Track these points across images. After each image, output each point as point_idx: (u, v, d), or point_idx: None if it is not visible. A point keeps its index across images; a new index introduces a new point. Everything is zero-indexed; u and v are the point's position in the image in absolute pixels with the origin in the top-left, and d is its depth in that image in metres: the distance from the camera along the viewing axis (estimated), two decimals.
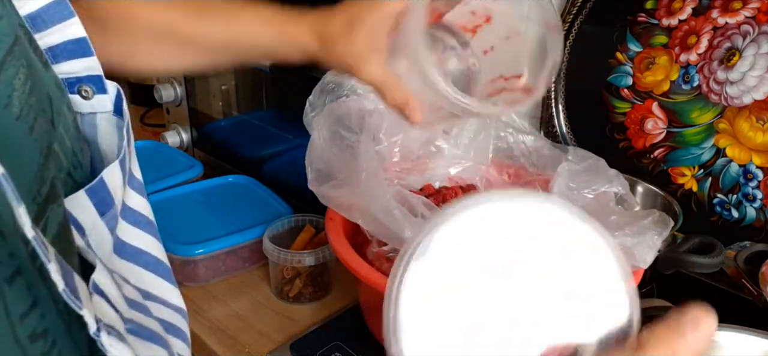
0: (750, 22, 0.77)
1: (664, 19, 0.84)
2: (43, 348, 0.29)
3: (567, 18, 0.92)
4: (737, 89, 0.78)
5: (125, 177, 0.39)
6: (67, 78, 0.38)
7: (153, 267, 0.42)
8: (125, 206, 0.40)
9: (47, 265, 0.26)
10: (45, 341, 0.29)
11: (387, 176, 0.68)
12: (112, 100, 0.40)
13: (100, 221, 0.37)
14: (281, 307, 0.76)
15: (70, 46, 0.38)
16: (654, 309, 0.68)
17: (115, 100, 0.40)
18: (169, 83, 1.06)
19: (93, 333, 0.28)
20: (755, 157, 0.79)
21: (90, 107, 0.40)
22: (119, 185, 0.38)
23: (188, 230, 0.81)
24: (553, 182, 0.64)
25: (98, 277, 0.32)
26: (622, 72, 0.89)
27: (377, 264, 0.58)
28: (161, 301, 0.43)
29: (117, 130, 0.40)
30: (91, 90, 0.39)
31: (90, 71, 0.39)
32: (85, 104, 0.39)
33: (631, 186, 0.71)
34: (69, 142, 0.36)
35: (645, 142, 0.88)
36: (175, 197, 0.91)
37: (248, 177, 0.96)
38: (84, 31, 0.38)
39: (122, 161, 0.38)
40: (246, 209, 0.87)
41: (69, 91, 0.39)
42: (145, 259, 0.41)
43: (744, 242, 0.77)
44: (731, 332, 0.59)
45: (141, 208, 0.41)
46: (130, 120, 0.39)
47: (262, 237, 0.78)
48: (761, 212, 0.79)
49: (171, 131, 1.10)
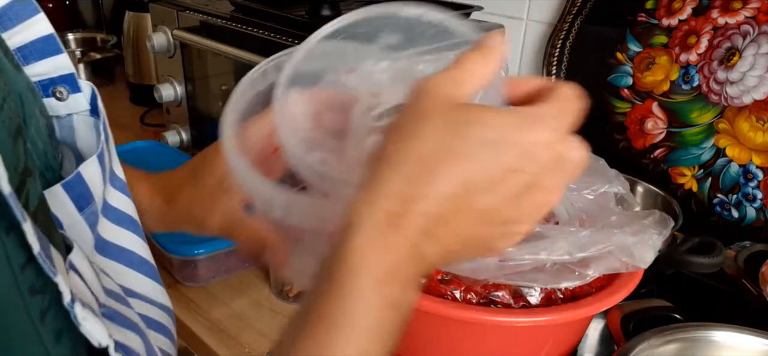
0: (750, 22, 0.77)
1: (664, 19, 0.84)
2: (42, 304, 0.29)
3: (567, 18, 0.92)
4: (737, 89, 0.78)
5: (105, 174, 0.39)
6: (40, 81, 0.38)
7: (137, 266, 0.42)
8: (107, 204, 0.40)
9: (22, 225, 0.26)
10: (43, 297, 0.29)
11: None
12: (88, 98, 0.40)
13: (80, 217, 0.37)
14: (281, 307, 0.76)
15: (38, 45, 0.37)
16: (654, 309, 0.68)
17: (91, 99, 0.40)
18: (169, 83, 1.06)
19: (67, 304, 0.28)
20: (755, 157, 0.79)
21: (66, 108, 0.40)
22: (98, 181, 0.38)
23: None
24: None
25: (75, 258, 0.32)
26: (622, 72, 0.89)
27: None
28: (145, 299, 0.42)
29: (94, 130, 0.40)
30: (66, 90, 0.39)
31: (62, 71, 0.39)
32: (61, 106, 0.39)
33: (631, 186, 0.71)
34: (41, 144, 0.36)
35: (645, 142, 0.88)
36: None
37: None
38: (51, 28, 0.38)
39: (100, 156, 0.38)
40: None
41: (43, 94, 0.39)
42: (129, 257, 0.41)
43: (744, 242, 0.77)
44: (731, 332, 0.59)
45: (124, 206, 0.41)
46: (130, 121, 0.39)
47: None
48: (761, 212, 0.79)
49: (171, 131, 1.10)
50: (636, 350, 0.56)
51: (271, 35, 0.84)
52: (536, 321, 0.54)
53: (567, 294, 0.56)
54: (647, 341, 0.57)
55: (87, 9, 1.70)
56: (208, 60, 0.99)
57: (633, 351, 0.56)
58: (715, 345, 0.59)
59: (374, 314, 0.30)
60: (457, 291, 0.54)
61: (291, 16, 0.85)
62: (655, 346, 0.57)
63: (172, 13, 1.00)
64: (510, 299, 0.54)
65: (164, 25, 1.01)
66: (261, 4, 0.92)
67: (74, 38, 1.53)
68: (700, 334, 0.59)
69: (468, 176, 0.31)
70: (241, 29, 0.88)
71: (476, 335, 0.56)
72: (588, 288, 0.56)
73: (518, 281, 0.52)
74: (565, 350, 0.61)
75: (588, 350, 0.67)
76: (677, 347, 0.58)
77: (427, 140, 0.31)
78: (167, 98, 1.07)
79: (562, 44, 0.93)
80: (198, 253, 0.77)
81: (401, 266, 0.31)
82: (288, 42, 0.81)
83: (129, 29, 1.36)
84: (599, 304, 0.54)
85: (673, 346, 0.58)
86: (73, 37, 1.53)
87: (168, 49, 1.02)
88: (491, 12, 1.00)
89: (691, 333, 0.59)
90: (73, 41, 1.52)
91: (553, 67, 0.94)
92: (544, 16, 0.97)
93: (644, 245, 0.53)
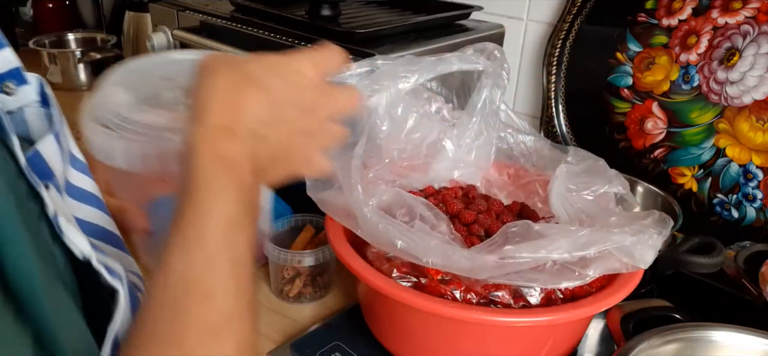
0: (750, 22, 0.77)
1: (664, 19, 0.84)
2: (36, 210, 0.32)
3: (567, 18, 0.92)
4: (737, 89, 0.78)
5: (64, 154, 0.40)
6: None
7: (102, 236, 0.43)
8: (69, 184, 0.41)
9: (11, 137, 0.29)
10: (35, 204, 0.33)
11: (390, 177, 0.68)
12: (36, 90, 0.42)
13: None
14: (281, 307, 0.76)
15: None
16: (654, 309, 0.68)
17: (39, 90, 0.42)
18: None
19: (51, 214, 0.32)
20: (755, 157, 0.79)
21: (16, 102, 0.41)
22: (57, 159, 0.39)
23: None
24: (551, 185, 0.64)
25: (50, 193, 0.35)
26: (622, 72, 0.89)
27: (377, 264, 0.58)
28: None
29: (46, 119, 0.41)
30: (13, 84, 0.40)
31: (8, 65, 0.40)
32: (10, 100, 0.40)
33: (631, 186, 0.71)
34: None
35: (645, 142, 0.88)
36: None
37: None
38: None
39: (57, 137, 0.39)
40: None
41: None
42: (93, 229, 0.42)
43: (744, 242, 0.77)
44: (731, 332, 0.59)
45: (87, 186, 0.43)
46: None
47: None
48: (761, 212, 0.79)
49: None
50: (636, 350, 0.56)
51: (271, 35, 0.84)
52: (536, 321, 0.54)
53: (567, 294, 0.56)
54: (647, 341, 0.57)
55: (87, 9, 1.70)
56: None
57: (633, 351, 0.56)
58: (715, 345, 0.59)
59: (228, 205, 0.37)
60: (457, 291, 0.54)
61: (291, 16, 0.85)
62: (655, 346, 0.57)
63: (172, 13, 1.00)
64: (510, 299, 0.54)
65: (164, 25, 1.00)
66: (261, 4, 0.92)
67: (74, 38, 1.53)
68: (700, 334, 0.59)
69: (269, 95, 0.40)
70: (241, 29, 0.88)
71: (476, 335, 0.56)
72: (588, 288, 0.56)
73: (518, 281, 0.52)
74: (565, 350, 0.61)
75: (588, 350, 0.67)
76: (677, 347, 0.58)
77: (224, 75, 0.40)
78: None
79: (562, 44, 0.93)
80: None
81: (242, 162, 0.39)
82: (288, 42, 0.81)
83: (129, 29, 1.36)
84: (599, 304, 0.54)
85: (673, 346, 0.58)
86: (73, 37, 1.53)
87: (168, 50, 1.02)
88: (491, 12, 1.00)
89: (691, 333, 0.59)
90: (73, 41, 1.52)
91: (553, 67, 0.94)
92: (544, 16, 0.97)
93: (644, 245, 0.53)
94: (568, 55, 0.94)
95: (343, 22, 0.87)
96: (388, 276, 0.56)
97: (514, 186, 0.74)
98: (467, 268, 0.51)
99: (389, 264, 0.57)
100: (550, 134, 0.96)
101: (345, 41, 0.77)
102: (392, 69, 0.65)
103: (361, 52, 0.75)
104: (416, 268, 0.56)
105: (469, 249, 0.53)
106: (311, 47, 0.44)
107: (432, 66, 0.65)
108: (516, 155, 0.74)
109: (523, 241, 0.52)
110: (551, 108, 0.96)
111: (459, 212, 0.64)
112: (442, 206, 0.65)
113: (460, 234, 0.58)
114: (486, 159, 0.74)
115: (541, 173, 0.71)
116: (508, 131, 0.73)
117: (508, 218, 0.64)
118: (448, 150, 0.72)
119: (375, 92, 0.64)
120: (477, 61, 0.69)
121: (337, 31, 0.80)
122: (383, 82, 0.64)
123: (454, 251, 0.52)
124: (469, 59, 0.69)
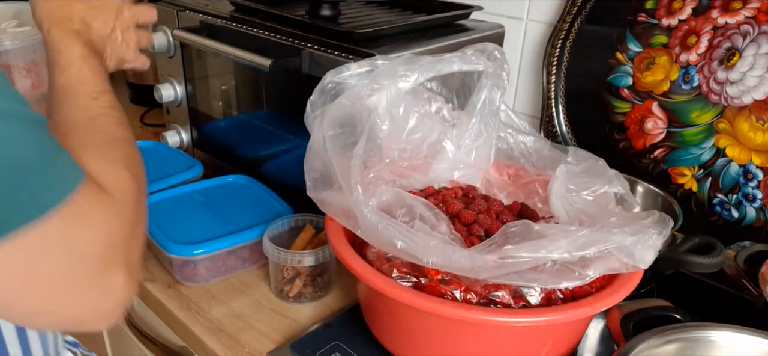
0: (750, 22, 0.77)
1: (664, 19, 0.84)
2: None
3: (567, 18, 0.92)
4: (737, 89, 0.78)
5: None
6: None
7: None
8: None
9: None
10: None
11: (390, 177, 0.68)
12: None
13: None
14: (281, 307, 0.76)
15: None
16: (654, 309, 0.68)
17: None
18: (169, 83, 1.06)
19: None
20: (755, 157, 0.79)
21: None
22: None
23: (188, 230, 0.81)
24: (551, 185, 0.64)
25: None
26: (622, 72, 0.89)
27: (377, 264, 0.58)
28: None
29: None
30: None
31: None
32: None
33: (631, 186, 0.71)
34: None
35: (645, 142, 0.88)
36: (175, 197, 0.91)
37: (248, 177, 0.96)
38: None
39: None
40: (246, 209, 0.87)
41: None
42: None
43: (744, 242, 0.77)
44: (731, 332, 0.59)
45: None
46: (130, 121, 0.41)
47: (262, 237, 0.78)
48: (761, 212, 0.79)
49: (171, 131, 1.10)
50: (636, 350, 0.56)
51: (271, 35, 0.84)
52: (536, 321, 0.54)
53: (567, 294, 0.56)
54: (647, 341, 0.57)
55: None
56: (208, 60, 0.99)
57: (633, 351, 0.56)
58: (715, 345, 0.59)
59: (78, 48, 0.59)
60: (457, 291, 0.54)
61: (291, 16, 0.85)
62: (655, 346, 0.57)
63: (172, 13, 1.00)
64: (510, 299, 0.54)
65: (164, 25, 1.01)
66: (261, 4, 0.92)
67: None
68: (700, 334, 0.59)
69: (87, 4, 0.63)
70: (241, 29, 0.88)
71: (476, 335, 0.56)
72: (588, 288, 0.56)
73: (518, 281, 0.52)
74: (565, 350, 0.61)
75: (588, 350, 0.67)
76: (677, 347, 0.58)
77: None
78: (167, 98, 1.07)
79: (562, 44, 0.93)
80: (198, 253, 0.77)
81: (80, 32, 0.61)
82: (288, 42, 0.81)
83: None
84: (599, 304, 0.54)
85: (673, 346, 0.58)
86: None
87: (168, 50, 1.02)
88: (491, 12, 1.00)
89: (691, 333, 0.59)
90: None
91: (553, 67, 0.94)
92: (544, 16, 0.97)
93: (644, 245, 0.53)
94: (568, 55, 0.94)
95: (343, 22, 0.87)
96: (388, 276, 0.56)
97: (514, 186, 0.74)
98: (467, 268, 0.51)
99: (389, 264, 0.57)
100: (550, 134, 0.96)
101: (345, 41, 0.77)
102: (392, 68, 0.65)
103: (361, 52, 0.75)
104: (416, 268, 0.56)
105: (469, 249, 0.53)
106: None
107: (431, 65, 0.65)
108: (516, 155, 0.74)
109: (523, 241, 0.52)
110: (551, 108, 0.96)
111: (459, 213, 0.64)
112: (442, 206, 0.65)
113: (460, 234, 0.58)
114: (486, 159, 0.74)
115: (541, 173, 0.71)
116: (508, 131, 0.74)
117: (508, 219, 0.64)
118: (448, 151, 0.72)
119: (375, 91, 0.64)
120: (477, 61, 0.69)
121: (336, 31, 0.80)
122: (383, 81, 0.65)
123: (454, 251, 0.52)
124: (469, 60, 0.69)
